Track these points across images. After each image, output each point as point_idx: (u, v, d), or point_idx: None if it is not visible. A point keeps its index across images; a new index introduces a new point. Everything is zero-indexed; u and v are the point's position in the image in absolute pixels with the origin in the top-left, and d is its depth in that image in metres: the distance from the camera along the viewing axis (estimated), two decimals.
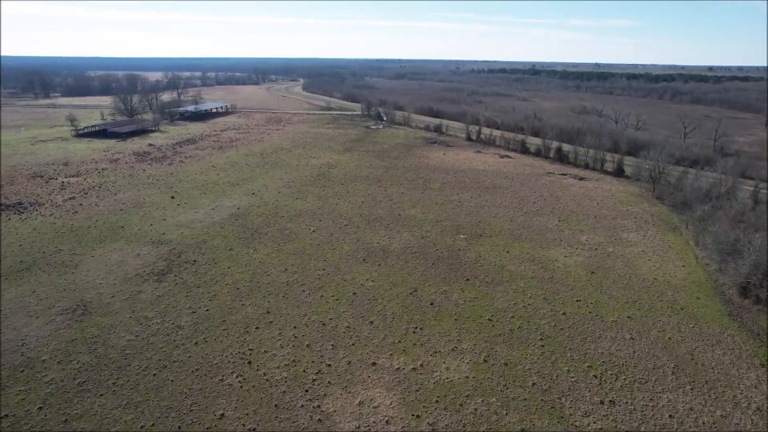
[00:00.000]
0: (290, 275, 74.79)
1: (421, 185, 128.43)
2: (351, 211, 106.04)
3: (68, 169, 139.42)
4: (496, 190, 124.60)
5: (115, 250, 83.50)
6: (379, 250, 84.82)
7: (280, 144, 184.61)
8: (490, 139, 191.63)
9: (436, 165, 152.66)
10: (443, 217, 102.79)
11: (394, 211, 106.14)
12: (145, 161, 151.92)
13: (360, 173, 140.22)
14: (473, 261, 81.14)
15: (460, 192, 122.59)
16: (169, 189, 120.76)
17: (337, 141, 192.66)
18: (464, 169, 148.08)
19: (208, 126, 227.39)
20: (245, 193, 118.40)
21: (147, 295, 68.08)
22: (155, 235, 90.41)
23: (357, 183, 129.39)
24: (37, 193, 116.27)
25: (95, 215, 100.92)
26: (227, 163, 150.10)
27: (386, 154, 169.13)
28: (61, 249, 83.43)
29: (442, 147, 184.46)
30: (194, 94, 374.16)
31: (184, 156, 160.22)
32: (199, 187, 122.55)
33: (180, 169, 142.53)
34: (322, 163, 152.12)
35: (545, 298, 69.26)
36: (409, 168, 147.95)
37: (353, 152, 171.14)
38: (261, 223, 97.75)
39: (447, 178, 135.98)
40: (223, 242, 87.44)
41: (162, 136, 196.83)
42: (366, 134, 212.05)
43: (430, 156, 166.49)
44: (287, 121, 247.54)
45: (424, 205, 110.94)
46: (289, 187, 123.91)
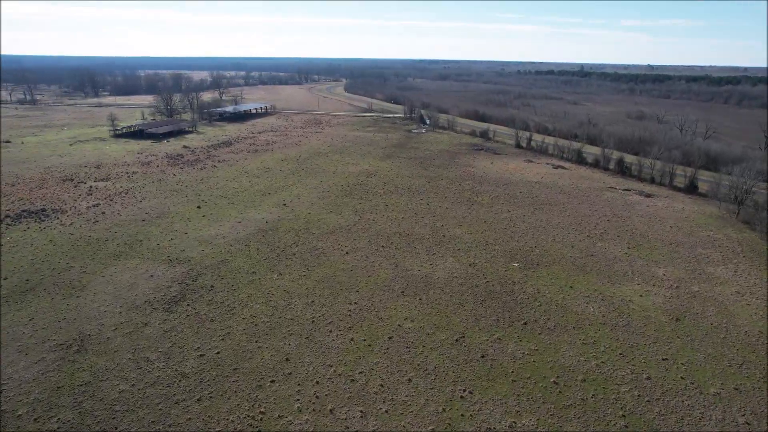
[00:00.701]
0: (317, 309, 64.73)
1: (467, 199, 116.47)
2: (389, 228, 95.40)
3: (99, 173, 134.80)
4: (552, 207, 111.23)
5: (128, 269, 75.77)
6: (420, 280, 73.76)
7: (317, 148, 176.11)
8: (542, 147, 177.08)
9: (484, 175, 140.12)
10: (493, 240, 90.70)
11: (438, 231, 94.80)
12: (177, 165, 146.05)
13: (400, 183, 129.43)
14: (531, 298, 68.93)
15: (511, 208, 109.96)
16: (197, 197, 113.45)
17: (377, 146, 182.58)
18: (515, 180, 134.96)
19: (246, 127, 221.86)
20: (276, 204, 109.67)
21: (153, 330, 59.45)
22: (174, 252, 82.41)
23: (397, 195, 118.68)
24: (63, 198, 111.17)
25: (115, 226, 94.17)
26: (260, 169, 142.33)
27: (429, 161, 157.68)
28: (72, 266, 76.40)
29: (490, 154, 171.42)
30: (236, 93, 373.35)
31: (217, 160, 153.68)
32: (228, 196, 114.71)
33: (211, 174, 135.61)
34: (360, 171, 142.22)
35: (622, 353, 56.49)
36: (454, 178, 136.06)
37: (394, 159, 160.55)
38: (290, 240, 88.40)
39: (496, 192, 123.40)
40: (245, 263, 78.43)
41: (198, 138, 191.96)
42: (408, 139, 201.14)
43: (476, 165, 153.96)
44: (326, 124, 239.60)
45: (471, 224, 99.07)
46: (323, 198, 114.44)
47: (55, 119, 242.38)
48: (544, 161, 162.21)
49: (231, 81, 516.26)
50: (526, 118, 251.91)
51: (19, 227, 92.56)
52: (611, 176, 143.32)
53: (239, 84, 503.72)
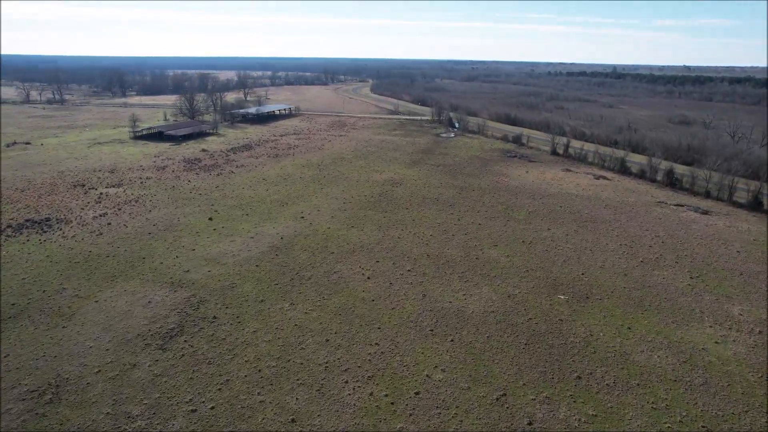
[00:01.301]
0: (331, 352, 55.58)
1: (502, 213, 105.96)
2: (417, 248, 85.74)
3: (112, 178, 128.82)
4: (597, 225, 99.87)
5: (125, 293, 68.03)
6: (452, 315, 63.93)
7: (340, 153, 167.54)
8: (581, 155, 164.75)
9: (519, 186, 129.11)
10: (534, 264, 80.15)
11: (471, 252, 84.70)
12: (193, 170, 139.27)
13: (429, 194, 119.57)
14: (583, 342, 58.41)
15: (551, 225, 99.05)
16: (210, 207, 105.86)
17: (403, 151, 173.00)
18: (553, 192, 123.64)
19: (268, 130, 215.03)
20: (293, 216, 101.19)
21: (141, 373, 51.19)
22: (177, 272, 74.46)
23: (425, 208, 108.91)
24: (71, 206, 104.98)
25: (119, 239, 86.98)
26: (279, 176, 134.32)
27: (459, 169, 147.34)
28: (65, 288, 69.10)
29: (524, 162, 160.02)
30: (261, 94, 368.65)
31: (235, 165, 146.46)
32: (243, 206, 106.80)
33: (227, 181, 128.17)
34: (385, 179, 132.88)
35: (705, 425, 45.67)
36: (487, 189, 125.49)
37: (421, 166, 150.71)
38: (305, 261, 79.59)
39: (533, 205, 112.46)
40: (255, 289, 69.88)
41: (218, 141, 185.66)
42: (436, 143, 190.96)
43: (510, 174, 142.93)
44: (351, 126, 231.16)
45: (508, 244, 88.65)
46: (344, 211, 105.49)
47: (79, 120, 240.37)
48: (584, 170, 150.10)
49: (257, 81, 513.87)
50: (560, 122, 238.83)
51: (19, 239, 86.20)
52: (659, 189, 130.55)
53: (265, 84, 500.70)
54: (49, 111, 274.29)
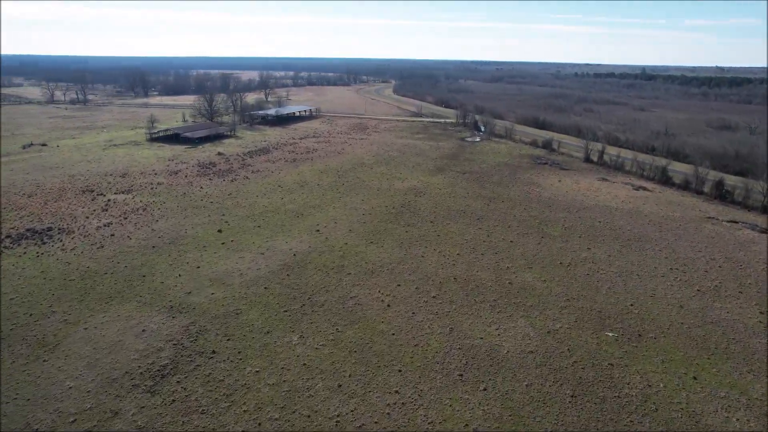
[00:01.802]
0: (344, 401, 47.69)
1: (535, 229, 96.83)
2: (442, 270, 77.38)
3: (122, 183, 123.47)
4: (643, 245, 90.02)
5: (119, 318, 61.32)
6: (484, 355, 55.45)
7: (361, 158, 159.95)
8: (617, 162, 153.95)
9: (552, 197, 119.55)
10: (575, 292, 71.07)
11: (502, 275, 75.97)
12: (207, 175, 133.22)
13: (454, 205, 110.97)
14: (640, 397, 49.33)
15: (591, 244, 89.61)
16: (220, 217, 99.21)
17: (427, 156, 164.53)
18: (590, 205, 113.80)
19: (287, 132, 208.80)
20: (308, 229, 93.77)
21: (123, 424, 44.09)
22: (178, 295, 67.57)
23: (451, 221, 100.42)
24: (76, 214, 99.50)
25: (121, 253, 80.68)
26: (296, 183, 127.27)
27: (487, 177, 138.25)
28: (55, 311, 62.75)
29: (556, 170, 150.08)
30: (282, 94, 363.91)
31: (251, 170, 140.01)
32: (255, 217, 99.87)
33: (241, 188, 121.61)
34: (407, 188, 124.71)
35: None
36: (517, 200, 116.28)
37: (446, 173, 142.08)
38: (319, 282, 71.96)
39: (569, 220, 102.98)
40: (261, 316, 62.48)
41: (235, 144, 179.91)
42: (461, 148, 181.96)
43: (542, 183, 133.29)
44: (373, 129, 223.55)
45: (544, 266, 79.63)
46: (363, 223, 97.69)
47: (98, 120, 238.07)
48: (621, 180, 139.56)
49: (279, 81, 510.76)
50: (592, 126, 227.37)
51: (16, 252, 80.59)
52: (707, 202, 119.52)
53: (287, 84, 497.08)
54: (71, 111, 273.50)
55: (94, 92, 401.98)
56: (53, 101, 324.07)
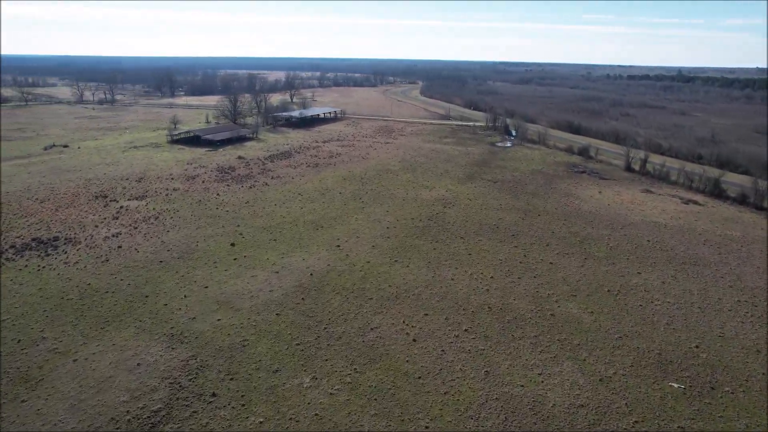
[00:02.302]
0: None
1: (577, 248, 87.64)
2: (475, 296, 69.15)
3: (138, 188, 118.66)
4: (701, 270, 80.00)
5: (114, 348, 55.06)
6: (526, 409, 47.13)
7: (386, 163, 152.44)
8: (661, 172, 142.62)
9: (593, 211, 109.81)
10: (628, 328, 62.00)
11: (543, 304, 67.33)
12: (225, 181, 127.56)
13: (486, 219, 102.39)
14: None
15: (641, 267, 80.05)
16: (234, 229, 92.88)
17: (456, 163, 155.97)
18: (635, 221, 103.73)
19: (311, 135, 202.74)
20: (328, 244, 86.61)
21: None
22: (182, 320, 61.09)
23: (482, 237, 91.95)
24: (85, 222, 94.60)
25: (126, 269, 74.87)
26: (317, 190, 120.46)
27: (521, 187, 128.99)
28: (45, 337, 56.91)
29: (595, 180, 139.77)
30: (308, 95, 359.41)
31: (271, 175, 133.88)
32: (272, 229, 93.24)
33: (259, 195, 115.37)
34: (435, 198, 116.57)
35: None
36: (555, 213, 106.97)
37: (476, 182, 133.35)
38: (336, 309, 64.62)
39: (614, 237, 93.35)
40: (270, 351, 55.41)
41: (256, 147, 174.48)
42: (492, 154, 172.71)
43: (581, 194, 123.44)
44: (399, 132, 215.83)
45: (590, 293, 70.64)
46: (387, 238, 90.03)
47: (123, 121, 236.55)
48: (667, 192, 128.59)
49: (305, 82, 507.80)
50: (630, 131, 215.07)
51: (17, 264, 75.60)
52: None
53: (313, 85, 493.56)
54: (97, 111, 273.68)
55: (123, 92, 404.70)
56: (82, 101, 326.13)
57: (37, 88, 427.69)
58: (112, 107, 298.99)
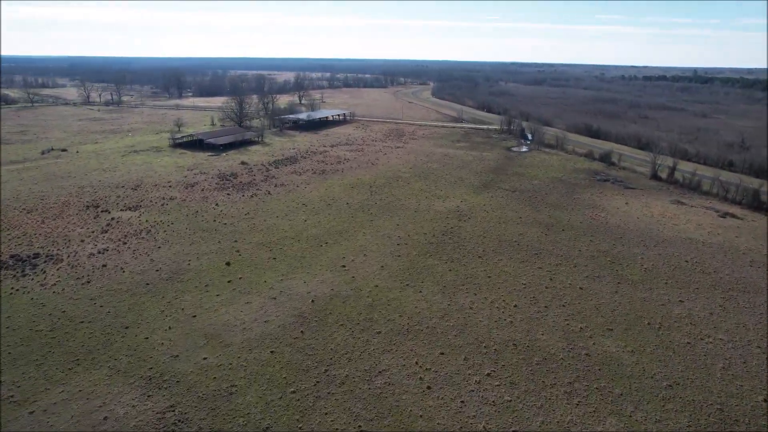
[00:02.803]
0: None
1: (608, 269, 78.89)
2: (497, 330, 60.80)
3: (132, 197, 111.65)
4: (752, 298, 70.93)
5: (80, 395, 47.49)
6: None
7: (396, 170, 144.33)
8: (691, 181, 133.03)
9: (622, 225, 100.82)
10: (678, 372, 53.29)
11: (576, 340, 58.82)
12: (226, 189, 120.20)
13: (506, 234, 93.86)
14: None
15: (683, 294, 71.18)
16: (231, 244, 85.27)
17: (470, 169, 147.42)
18: (669, 237, 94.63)
19: (319, 138, 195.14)
20: (332, 264, 78.68)
21: None
22: (162, 358, 53.43)
23: (503, 256, 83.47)
24: (71, 236, 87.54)
25: (107, 293, 67.49)
26: (323, 200, 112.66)
27: (541, 197, 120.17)
28: (2, 381, 49.45)
29: (620, 189, 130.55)
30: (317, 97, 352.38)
31: (274, 183, 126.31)
32: (272, 245, 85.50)
33: (261, 206, 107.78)
34: (449, 209, 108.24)
35: None
36: (580, 228, 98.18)
37: (493, 191, 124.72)
38: (340, 345, 56.60)
39: (648, 257, 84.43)
40: (261, 400, 47.52)
41: (261, 151, 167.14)
42: (508, 160, 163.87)
43: (606, 205, 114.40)
44: (410, 136, 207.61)
45: (628, 326, 61.98)
46: (398, 257, 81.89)
47: (126, 123, 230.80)
48: (699, 203, 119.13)
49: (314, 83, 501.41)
50: (653, 135, 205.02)
51: None
52: None
53: (323, 86, 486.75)
54: (102, 113, 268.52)
55: (130, 93, 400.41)
56: (89, 102, 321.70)
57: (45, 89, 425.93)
58: (118, 108, 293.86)
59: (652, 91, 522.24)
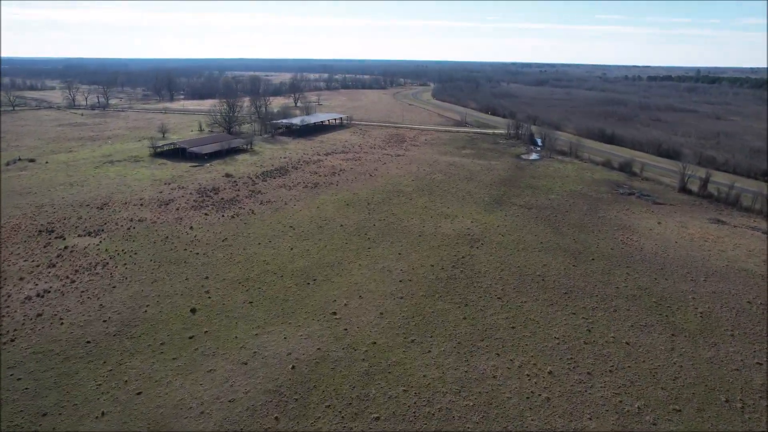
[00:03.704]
0: None
1: (655, 314, 64.77)
2: (530, 413, 46.64)
3: (96, 218, 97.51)
4: None
5: None
6: None
7: (397, 182, 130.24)
8: (729, 195, 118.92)
9: (659, 252, 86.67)
10: None
11: (634, 427, 44.58)
12: (205, 206, 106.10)
13: (527, 265, 79.65)
14: None
15: (758, 352, 57.09)
16: (201, 283, 71.14)
17: (479, 181, 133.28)
18: (719, 268, 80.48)
19: (313, 145, 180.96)
20: (320, 309, 64.56)
21: None
22: None
23: (526, 297, 69.34)
24: (10, 272, 73.42)
25: (34, 356, 53.32)
26: (314, 220, 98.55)
27: (561, 215, 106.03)
28: None
29: (647, 204, 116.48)
30: (313, 99, 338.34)
31: (260, 200, 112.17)
32: (249, 283, 71.35)
33: (242, 229, 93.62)
34: (459, 232, 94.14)
35: None
36: (612, 257, 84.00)
37: (506, 208, 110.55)
38: None
39: (700, 296, 70.29)
40: None
41: (249, 161, 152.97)
42: (519, 170, 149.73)
43: (636, 226, 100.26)
44: (411, 142, 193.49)
45: (701, 409, 47.87)
46: (400, 299, 67.78)
47: (109, 128, 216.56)
48: (743, 222, 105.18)
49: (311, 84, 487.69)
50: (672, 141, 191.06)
51: None
52: None
53: (320, 88, 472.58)
54: (86, 117, 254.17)
55: (120, 96, 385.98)
56: (74, 106, 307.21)
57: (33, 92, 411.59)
58: (103, 112, 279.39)
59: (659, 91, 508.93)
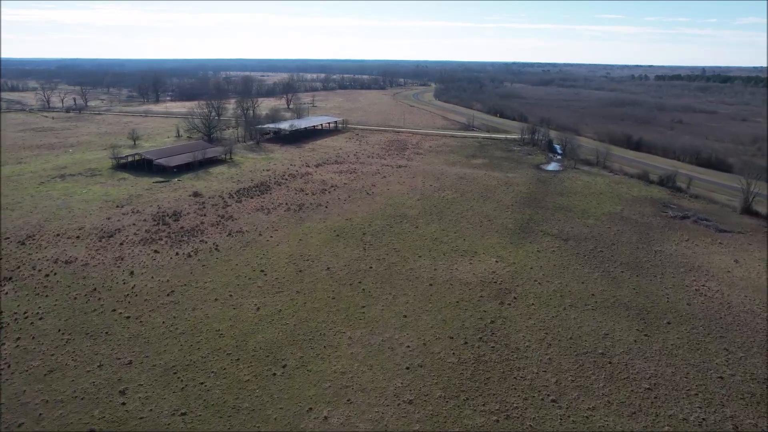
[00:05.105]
0: None
1: None
2: None
3: (11, 258, 75.14)
4: None
5: None
6: None
7: (400, 202, 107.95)
8: None
9: (755, 310, 64.37)
10: None
11: None
12: (158, 240, 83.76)
13: (583, 339, 57.28)
14: None
15: None
16: (120, 374, 48.73)
17: (497, 201, 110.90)
18: None
19: (302, 154, 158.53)
20: (288, 427, 42.13)
21: None
22: None
23: (591, 396, 47.01)
24: None
25: None
26: (293, 260, 76.14)
27: (607, 250, 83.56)
28: None
29: (710, 232, 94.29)
30: (307, 100, 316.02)
31: (228, 229, 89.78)
32: (188, 376, 48.94)
33: (197, 274, 71.16)
34: (481, 278, 71.74)
35: None
36: (692, 318, 61.73)
37: (536, 239, 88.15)
38: None
39: None
40: None
41: (225, 174, 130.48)
42: (541, 184, 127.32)
43: (707, 266, 77.81)
44: (414, 149, 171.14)
45: None
46: (408, 403, 45.46)
47: (76, 135, 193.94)
48: None
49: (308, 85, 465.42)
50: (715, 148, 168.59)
51: None
52: None
53: (316, 88, 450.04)
54: (56, 121, 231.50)
55: (103, 97, 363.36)
56: (48, 108, 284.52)
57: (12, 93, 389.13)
58: (78, 116, 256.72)
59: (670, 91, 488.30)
